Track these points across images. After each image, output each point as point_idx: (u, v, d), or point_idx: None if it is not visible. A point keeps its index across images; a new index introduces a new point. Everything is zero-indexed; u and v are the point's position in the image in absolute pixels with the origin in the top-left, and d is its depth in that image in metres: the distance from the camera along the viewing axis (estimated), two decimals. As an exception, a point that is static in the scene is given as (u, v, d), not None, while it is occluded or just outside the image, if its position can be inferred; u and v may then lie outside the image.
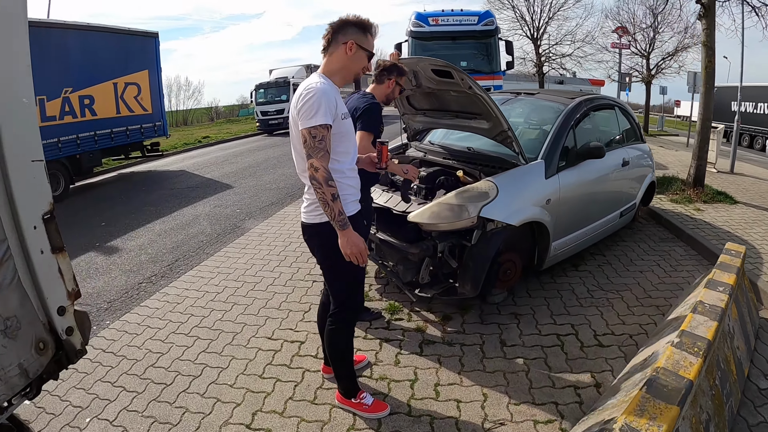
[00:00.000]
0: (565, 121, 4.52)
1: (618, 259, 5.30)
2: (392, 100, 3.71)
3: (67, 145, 9.82)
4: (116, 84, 11.10)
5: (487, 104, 3.80)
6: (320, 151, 2.27)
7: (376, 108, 3.47)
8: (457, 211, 3.63)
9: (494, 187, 3.70)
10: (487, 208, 3.61)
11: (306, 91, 2.34)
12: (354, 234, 2.37)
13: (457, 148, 4.71)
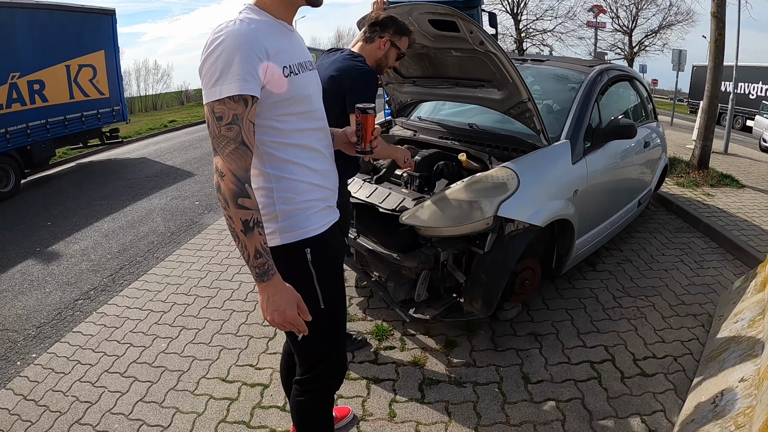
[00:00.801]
0: (589, 93, 3.54)
1: (637, 255, 4.41)
2: (384, 69, 2.64)
3: (17, 136, 8.44)
4: (69, 66, 9.64)
5: (504, 66, 2.79)
6: (229, 144, 1.32)
7: (373, 79, 2.43)
8: (466, 209, 2.63)
9: (514, 177, 2.71)
10: (506, 205, 2.62)
11: (210, 39, 1.36)
12: (282, 290, 1.39)
13: (454, 125, 3.69)
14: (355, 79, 2.36)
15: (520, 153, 3.08)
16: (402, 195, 2.89)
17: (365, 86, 2.36)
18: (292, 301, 1.39)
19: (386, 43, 2.49)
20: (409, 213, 2.70)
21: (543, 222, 2.80)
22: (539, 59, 4.30)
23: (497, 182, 2.67)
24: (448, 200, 2.67)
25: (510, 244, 2.73)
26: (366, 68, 2.40)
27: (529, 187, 2.73)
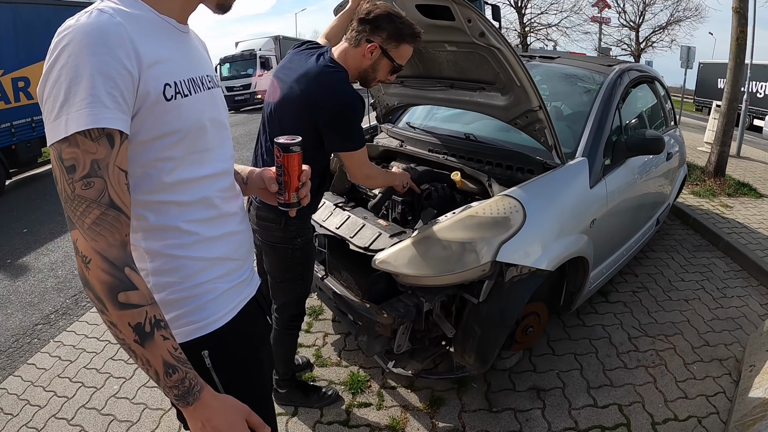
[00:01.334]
0: (609, 97, 2.91)
1: (654, 281, 3.80)
2: (372, 83, 1.98)
3: (1, 135, 7.90)
4: None
5: (510, 64, 2.15)
6: (90, 209, 0.81)
7: (358, 110, 1.83)
8: (457, 252, 2.02)
9: (518, 209, 2.08)
10: (508, 247, 2.01)
11: (53, 43, 0.84)
12: (219, 409, 0.91)
13: (449, 135, 3.05)
14: (335, 113, 1.79)
15: (527, 173, 2.45)
16: (378, 228, 2.27)
17: (346, 124, 1.81)
18: (238, 420, 0.93)
19: (375, 51, 1.83)
20: (384, 255, 2.09)
21: (553, 265, 2.18)
22: (549, 56, 3.62)
23: (497, 217, 2.05)
24: (434, 240, 2.04)
25: (511, 293, 2.12)
26: (350, 95, 1.79)
27: (537, 222, 2.11)
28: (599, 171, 2.57)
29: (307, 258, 2.16)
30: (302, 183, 1.15)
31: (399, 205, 2.42)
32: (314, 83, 1.81)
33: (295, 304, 2.26)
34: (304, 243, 2.10)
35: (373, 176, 2.13)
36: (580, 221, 2.39)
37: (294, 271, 2.13)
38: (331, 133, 1.84)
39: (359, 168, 2.01)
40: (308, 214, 2.13)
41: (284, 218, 1.97)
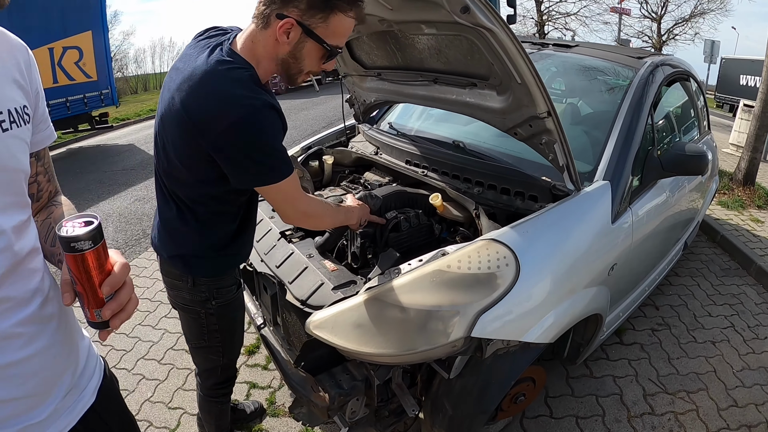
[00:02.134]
0: (640, 99, 2.20)
1: (677, 315, 3.11)
2: (299, 77, 1.27)
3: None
4: (52, 49, 8.36)
5: (507, 54, 1.47)
6: None
7: (263, 129, 1.17)
8: (417, 323, 1.36)
9: (510, 262, 1.40)
10: (489, 317, 1.34)
11: None
12: None
13: (435, 140, 2.36)
14: (228, 134, 1.14)
15: (528, 201, 1.78)
16: (321, 274, 1.62)
17: (250, 147, 1.17)
18: None
19: (292, 30, 1.15)
20: (319, 319, 1.44)
21: (554, 336, 1.52)
22: (566, 44, 2.88)
23: (479, 273, 1.38)
24: (388, 304, 1.39)
25: (495, 369, 1.48)
26: (248, 103, 1.13)
27: (534, 280, 1.44)
28: (625, 198, 1.88)
29: (229, 323, 1.58)
30: (108, 296, 0.73)
31: (357, 238, 1.77)
32: (197, 91, 1.15)
33: (218, 371, 1.71)
34: (221, 305, 1.51)
35: (315, 214, 1.46)
36: (597, 270, 1.72)
37: (211, 338, 1.57)
38: (230, 162, 1.19)
39: (290, 205, 1.35)
40: (225, 268, 1.51)
41: (191, 276, 1.44)
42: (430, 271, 1.39)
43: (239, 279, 1.58)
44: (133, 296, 0.76)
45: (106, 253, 0.72)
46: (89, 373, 0.95)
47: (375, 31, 1.94)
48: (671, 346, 2.79)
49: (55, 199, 1.00)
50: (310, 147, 2.65)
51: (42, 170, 0.95)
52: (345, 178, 2.46)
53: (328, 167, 2.49)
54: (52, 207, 0.97)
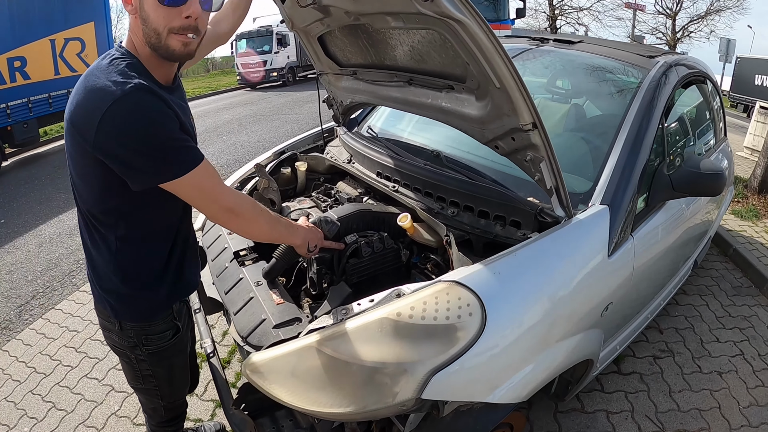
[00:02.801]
0: (650, 104, 1.89)
1: (682, 340, 2.80)
2: (162, 44, 1.05)
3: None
4: (54, 41, 8.17)
5: (481, 50, 1.17)
6: None
7: (136, 97, 0.97)
8: (361, 379, 1.09)
9: (475, 311, 1.11)
10: (443, 377, 1.07)
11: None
12: None
13: (415, 150, 2.07)
14: (102, 125, 0.96)
15: (510, 226, 1.48)
16: (265, 307, 1.36)
17: (128, 138, 0.98)
18: None
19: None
20: (256, 361, 1.19)
21: (527, 394, 1.24)
22: (568, 40, 2.55)
23: (436, 325, 1.09)
24: (330, 354, 1.12)
25: (456, 427, 1.21)
26: (117, 87, 0.97)
27: (504, 332, 1.16)
28: (626, 226, 1.58)
29: (164, 370, 1.38)
30: None
31: (314, 264, 1.50)
32: (77, 94, 1.03)
33: (161, 411, 1.52)
34: (152, 353, 1.29)
35: (244, 214, 1.18)
36: (586, 314, 1.43)
37: (146, 382, 1.40)
38: (118, 161, 1.00)
39: (211, 200, 1.13)
40: (154, 311, 1.27)
41: (118, 318, 1.26)
42: (377, 319, 1.11)
43: (177, 323, 1.33)
44: None
45: None
46: None
47: (345, 24, 1.65)
48: (673, 377, 2.49)
49: None
50: (283, 152, 2.38)
51: None
52: (318, 187, 2.19)
53: (301, 174, 2.22)
54: None
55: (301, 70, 18.02)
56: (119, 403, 2.34)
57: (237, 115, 11.21)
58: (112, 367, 2.59)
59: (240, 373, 2.40)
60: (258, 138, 8.46)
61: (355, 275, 1.50)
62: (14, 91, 7.49)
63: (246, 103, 13.58)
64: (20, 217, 5.25)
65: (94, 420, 2.25)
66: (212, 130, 9.47)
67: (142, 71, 1.05)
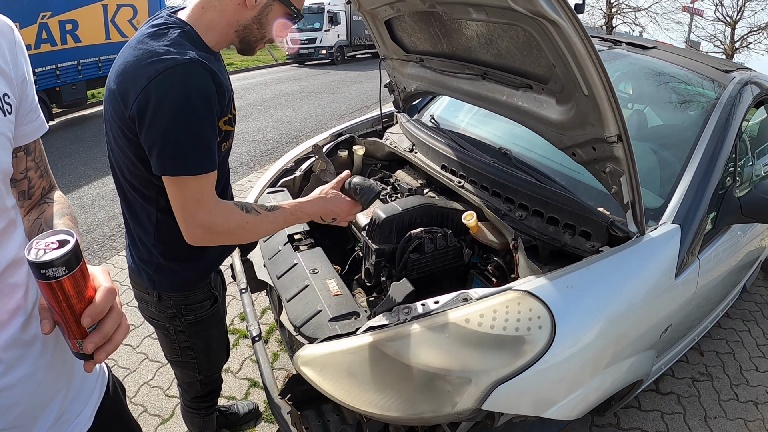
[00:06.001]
0: (726, 123, 1.79)
1: (722, 365, 2.70)
2: (257, 46, 1.12)
3: (45, 77, 7.27)
4: (106, 6, 8.24)
5: (573, 56, 1.11)
6: None
7: (190, 71, 0.92)
8: (420, 384, 1.07)
9: (545, 323, 1.08)
10: (506, 390, 1.04)
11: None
12: None
13: (480, 145, 2.02)
14: (145, 94, 0.91)
15: (579, 236, 1.43)
16: (321, 297, 1.34)
17: (162, 116, 0.92)
18: None
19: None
20: (308, 355, 1.19)
21: (580, 413, 1.21)
22: (642, 45, 2.43)
23: (504, 335, 1.06)
24: (391, 355, 1.10)
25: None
26: (174, 59, 0.92)
27: (569, 348, 1.12)
28: (694, 247, 1.51)
29: (203, 340, 1.37)
30: (91, 326, 0.62)
31: (373, 255, 1.47)
32: (124, 60, 0.98)
33: (197, 386, 1.51)
34: (191, 323, 1.28)
35: (223, 230, 1.05)
36: (648, 334, 1.38)
37: (183, 354, 1.39)
38: (143, 135, 0.95)
39: (188, 212, 1.01)
40: (194, 282, 1.26)
41: (156, 289, 1.24)
42: (445, 323, 1.08)
43: (215, 293, 1.33)
44: (123, 323, 0.66)
45: (86, 277, 0.61)
46: (85, 396, 0.85)
47: (417, 10, 1.60)
48: (710, 402, 2.41)
49: (49, 195, 0.88)
50: (341, 134, 2.35)
51: (33, 165, 0.84)
52: (375, 174, 2.16)
53: (358, 158, 2.19)
54: (45, 205, 0.85)
55: (351, 50, 17.92)
56: (152, 373, 2.38)
57: (284, 91, 11.18)
58: (148, 335, 2.63)
59: (277, 353, 2.43)
60: (305, 114, 8.41)
61: (415, 271, 1.48)
62: (65, 53, 7.60)
63: (293, 79, 13.56)
64: (63, 177, 5.35)
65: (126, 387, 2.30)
66: (259, 104, 9.46)
67: (196, 39, 1.02)
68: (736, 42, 19.04)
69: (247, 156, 6.01)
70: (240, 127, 7.48)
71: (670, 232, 1.42)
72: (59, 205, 0.86)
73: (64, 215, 0.83)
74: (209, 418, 1.67)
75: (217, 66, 1.03)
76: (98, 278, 0.65)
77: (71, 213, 0.86)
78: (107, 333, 0.63)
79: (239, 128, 7.32)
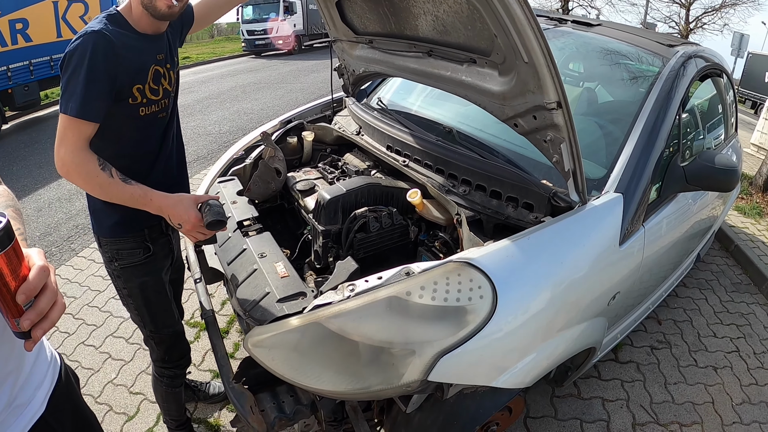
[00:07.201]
0: (668, 95, 1.83)
1: (680, 332, 2.80)
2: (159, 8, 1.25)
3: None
4: (57, 3, 7.94)
5: (513, 23, 1.12)
6: None
7: (85, 39, 1.19)
8: (366, 358, 1.06)
9: (486, 293, 1.09)
10: (451, 360, 1.05)
11: None
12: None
13: (426, 125, 2.01)
14: (64, 63, 1.21)
15: (522, 208, 1.44)
16: (269, 280, 1.32)
17: (64, 69, 1.20)
18: None
19: None
20: (259, 336, 1.16)
21: (531, 380, 1.23)
22: (587, 22, 2.46)
23: (447, 306, 1.07)
24: (336, 331, 1.09)
25: (459, 408, 1.20)
26: (83, 32, 1.22)
27: (513, 316, 1.13)
28: (638, 216, 1.54)
29: (138, 288, 1.43)
30: (26, 303, 0.63)
31: (320, 237, 1.46)
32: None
33: (151, 344, 1.58)
34: (124, 268, 1.38)
35: (72, 170, 1.23)
36: (594, 302, 1.40)
37: (126, 302, 1.50)
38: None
39: (56, 144, 1.24)
40: (125, 229, 1.37)
41: (95, 233, 1.43)
42: (386, 297, 1.08)
43: (148, 244, 1.41)
44: (59, 300, 0.67)
45: (19, 256, 0.62)
46: (37, 381, 0.86)
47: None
48: (670, 369, 2.49)
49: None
50: (290, 120, 2.32)
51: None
52: (325, 159, 2.14)
53: (307, 144, 2.17)
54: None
55: (307, 39, 17.65)
56: (116, 371, 2.33)
57: (241, 82, 10.98)
58: (110, 335, 2.58)
59: (238, 344, 2.40)
60: (262, 106, 8.31)
61: (362, 250, 1.47)
62: (15, 54, 7.30)
63: (250, 70, 13.32)
64: (19, 181, 5.15)
65: (91, 388, 2.24)
66: (215, 97, 9.27)
67: (119, 21, 1.25)
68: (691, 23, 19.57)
69: (204, 149, 5.88)
70: (196, 120, 7.33)
71: (613, 200, 1.45)
72: (2, 198, 0.87)
73: (8, 207, 0.85)
74: (173, 392, 1.70)
75: (131, 41, 1.24)
76: (33, 258, 0.66)
77: (15, 205, 0.88)
78: (42, 310, 0.64)
79: (196, 122, 7.20)
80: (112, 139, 1.28)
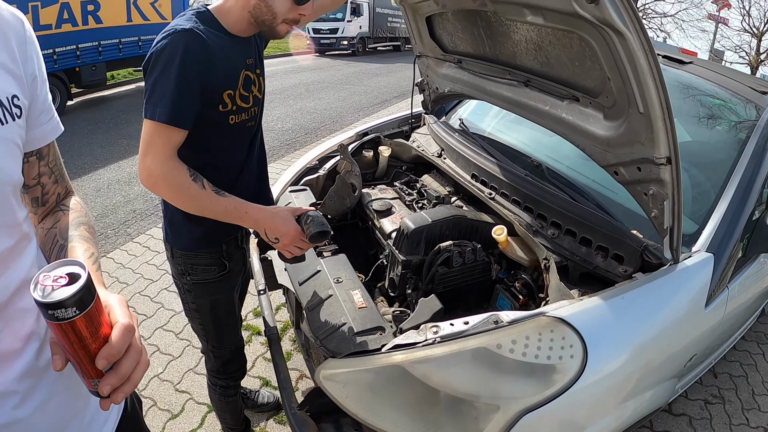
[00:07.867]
0: (764, 148, 1.73)
1: (734, 388, 2.65)
2: (277, 27, 1.19)
3: (65, 57, 7.21)
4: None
5: (635, 70, 1.07)
6: None
7: (173, 38, 1.08)
8: (445, 407, 1.05)
9: (577, 352, 1.06)
10: (532, 417, 1.02)
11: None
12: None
13: (514, 151, 1.97)
14: (149, 64, 1.11)
15: (611, 259, 1.39)
16: (345, 309, 1.31)
17: (149, 70, 1.11)
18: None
19: None
20: (330, 371, 1.16)
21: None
22: (679, 59, 2.35)
23: (535, 363, 1.04)
24: (418, 376, 1.07)
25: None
26: (171, 28, 1.10)
27: (598, 378, 1.09)
28: (725, 276, 1.46)
29: (208, 305, 1.42)
30: (106, 367, 0.55)
31: (399, 265, 1.44)
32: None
33: (210, 357, 1.56)
34: (197, 284, 1.36)
35: (160, 182, 1.12)
36: (673, 365, 1.35)
37: (192, 316, 1.48)
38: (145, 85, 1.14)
39: (141, 153, 1.12)
40: (201, 244, 1.33)
41: (168, 243, 1.38)
42: (475, 348, 1.05)
43: (225, 261, 1.37)
44: (142, 360, 0.59)
45: (100, 314, 0.55)
46: (102, 419, 0.80)
47: (464, 8, 1.55)
48: (721, 426, 2.38)
49: (65, 202, 0.83)
50: (366, 133, 2.31)
51: (47, 170, 0.77)
52: (400, 177, 2.12)
53: (383, 159, 2.15)
54: (60, 213, 0.80)
55: (372, 42, 17.70)
56: (163, 366, 2.36)
57: (305, 80, 11.04)
58: (159, 327, 2.60)
59: (290, 353, 2.41)
60: (325, 106, 8.30)
61: (442, 285, 1.45)
62: (85, 34, 7.53)
63: (314, 68, 13.39)
64: (80, 158, 5.27)
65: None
66: (279, 92, 9.34)
67: (210, 20, 1.15)
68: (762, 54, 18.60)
69: (266, 146, 5.96)
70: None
71: (704, 261, 1.38)
72: (75, 213, 0.80)
73: (81, 225, 0.78)
74: (227, 401, 1.70)
75: (224, 43, 1.15)
76: (115, 312, 0.58)
77: (89, 222, 0.81)
78: (125, 374, 0.57)
79: (266, 117, 7.23)
80: (198, 149, 1.20)
